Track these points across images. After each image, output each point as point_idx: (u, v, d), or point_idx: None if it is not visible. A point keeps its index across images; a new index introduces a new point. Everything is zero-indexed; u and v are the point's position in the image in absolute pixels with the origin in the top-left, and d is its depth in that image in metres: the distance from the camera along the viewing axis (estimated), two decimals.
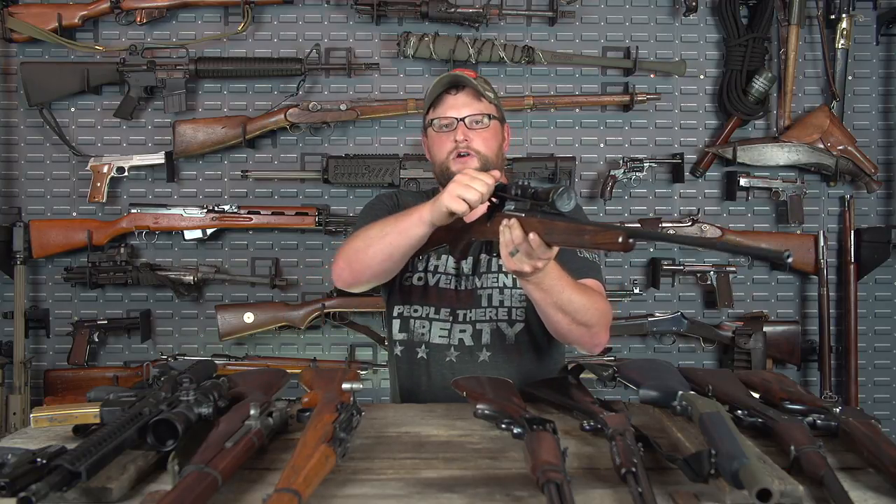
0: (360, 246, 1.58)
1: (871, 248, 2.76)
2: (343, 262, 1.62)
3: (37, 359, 2.82)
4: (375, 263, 1.57)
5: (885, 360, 2.91)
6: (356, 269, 1.60)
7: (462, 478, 1.10)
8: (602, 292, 1.66)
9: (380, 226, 1.56)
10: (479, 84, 1.70)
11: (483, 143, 1.69)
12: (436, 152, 1.74)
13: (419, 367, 1.74)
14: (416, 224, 1.50)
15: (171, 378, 1.26)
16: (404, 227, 1.52)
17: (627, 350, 2.89)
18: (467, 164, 1.67)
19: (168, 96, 2.71)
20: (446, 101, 1.71)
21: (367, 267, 1.58)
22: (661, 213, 2.85)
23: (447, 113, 1.71)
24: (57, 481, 0.92)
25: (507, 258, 1.37)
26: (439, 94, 1.72)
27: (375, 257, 1.56)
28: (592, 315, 1.53)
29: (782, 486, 0.98)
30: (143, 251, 2.82)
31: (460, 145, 1.68)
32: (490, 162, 1.70)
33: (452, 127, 1.70)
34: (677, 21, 2.84)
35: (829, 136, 2.75)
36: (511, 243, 1.34)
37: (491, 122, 1.71)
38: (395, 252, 1.55)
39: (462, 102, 1.70)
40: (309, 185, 2.83)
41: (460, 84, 1.71)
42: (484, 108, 1.71)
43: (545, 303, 1.50)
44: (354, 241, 1.61)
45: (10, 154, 2.82)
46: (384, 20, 2.79)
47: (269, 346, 2.85)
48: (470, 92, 1.71)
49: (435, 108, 1.73)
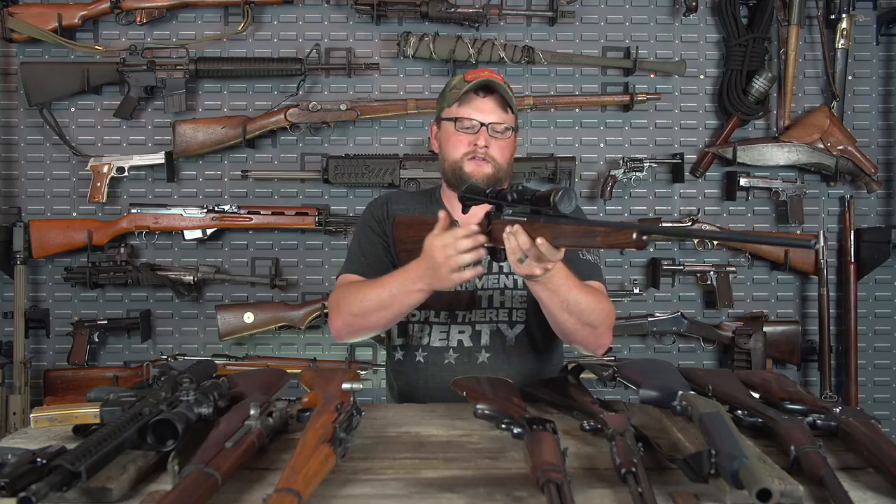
0: (357, 311, 1.61)
1: (871, 248, 2.76)
2: (342, 324, 1.66)
3: (37, 359, 2.82)
4: (380, 326, 1.65)
5: (885, 360, 2.91)
6: (356, 330, 1.67)
7: (462, 478, 1.10)
8: (605, 293, 1.67)
9: (376, 295, 1.58)
10: (506, 93, 1.69)
11: (500, 151, 1.69)
12: (449, 149, 1.72)
13: (417, 370, 1.74)
14: (415, 298, 1.54)
15: (171, 378, 1.26)
16: (405, 301, 1.55)
17: (627, 350, 2.89)
18: (482, 167, 1.68)
19: (168, 96, 2.71)
20: (473, 102, 1.69)
21: (370, 330, 1.67)
22: (661, 213, 2.85)
23: (473, 115, 1.69)
24: (57, 481, 0.92)
25: (515, 264, 1.37)
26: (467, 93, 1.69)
27: (379, 323, 1.62)
28: (598, 315, 1.54)
29: (782, 486, 0.98)
30: (143, 251, 2.82)
31: (479, 150, 1.67)
32: (503, 170, 1.71)
33: (475, 130, 1.68)
34: (677, 21, 2.84)
35: (829, 136, 2.75)
36: (518, 250, 1.34)
37: (512, 133, 1.72)
38: (394, 318, 1.62)
39: (489, 108, 1.69)
40: (309, 185, 2.83)
41: (490, 88, 1.69)
42: (508, 118, 1.71)
43: (552, 303, 1.50)
44: (349, 303, 1.62)
45: (10, 154, 2.82)
46: (384, 20, 2.79)
47: (269, 346, 2.85)
48: (498, 99, 1.69)
49: (461, 105, 1.70)
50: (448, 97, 1.73)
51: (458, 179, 1.69)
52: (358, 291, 1.61)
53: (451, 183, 1.73)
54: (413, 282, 1.51)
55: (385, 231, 1.75)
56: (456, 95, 1.69)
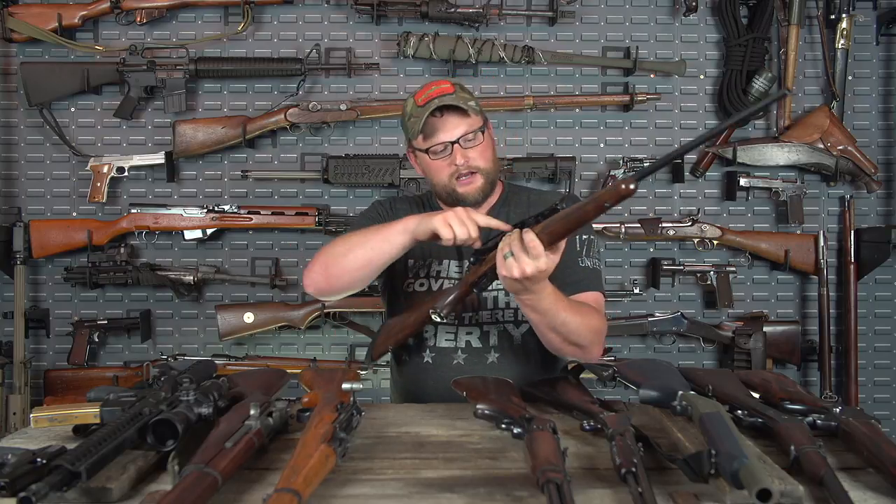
0: (340, 250, 1.59)
1: (871, 248, 2.76)
2: (319, 266, 1.62)
3: (37, 359, 2.82)
4: (354, 269, 1.58)
5: (885, 360, 2.91)
6: (332, 274, 1.61)
7: (462, 478, 1.10)
8: (600, 306, 1.67)
9: (362, 232, 1.59)
10: (459, 99, 1.65)
11: (481, 156, 1.68)
12: (434, 176, 1.71)
13: (425, 371, 1.74)
14: (399, 232, 1.52)
15: (171, 378, 1.26)
16: (387, 234, 1.53)
17: (627, 350, 2.89)
18: (473, 181, 1.68)
19: (168, 96, 2.71)
20: (434, 126, 1.66)
21: (345, 272, 1.59)
22: (661, 213, 2.85)
23: (439, 139, 1.66)
24: (57, 481, 0.92)
25: (500, 264, 1.37)
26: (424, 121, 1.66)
27: (356, 261, 1.57)
28: (585, 336, 1.55)
29: (782, 486, 0.98)
30: (143, 251, 2.82)
31: (461, 169, 1.66)
32: (492, 173, 1.71)
33: (449, 151, 1.67)
34: (677, 21, 2.84)
35: (829, 136, 2.75)
36: (507, 246, 1.36)
37: (484, 133, 1.70)
38: (375, 258, 1.56)
39: (452, 124, 1.66)
40: (309, 185, 2.83)
41: (444, 106, 1.66)
42: (472, 122, 1.67)
43: (541, 324, 1.52)
44: (334, 246, 1.62)
45: (10, 154, 2.82)
46: (384, 20, 2.79)
47: (269, 346, 2.85)
48: (456, 110, 1.66)
49: (426, 136, 1.67)
50: (410, 129, 1.71)
51: (455, 201, 1.69)
52: (345, 236, 1.63)
53: (450, 204, 1.71)
54: (402, 220, 1.53)
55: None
56: (417, 126, 1.66)
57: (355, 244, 1.57)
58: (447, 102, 1.65)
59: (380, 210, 1.82)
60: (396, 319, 1.71)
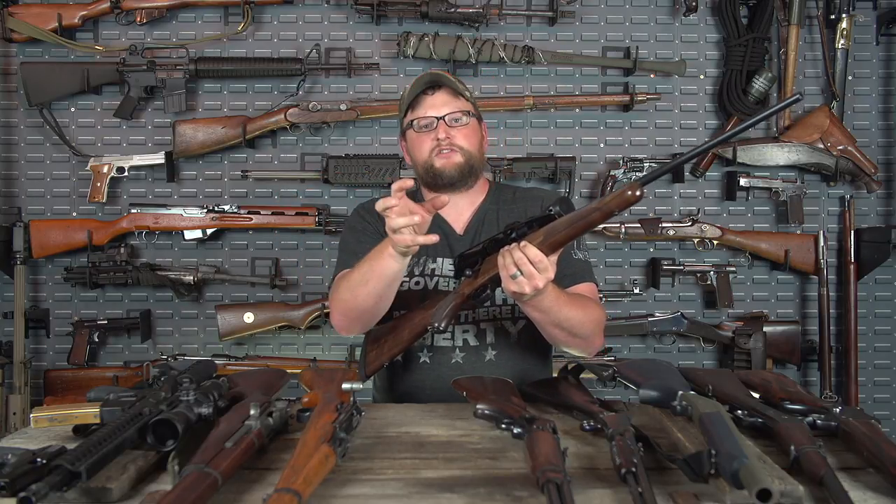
0: (346, 297, 1.61)
1: (871, 248, 2.76)
2: (339, 315, 1.66)
3: (37, 359, 2.82)
4: (369, 307, 1.61)
5: (885, 360, 2.91)
6: (353, 318, 1.65)
7: (462, 478, 1.10)
8: (595, 296, 1.70)
9: (358, 273, 1.58)
10: (453, 83, 1.72)
11: (465, 139, 1.71)
12: (417, 153, 1.74)
13: (422, 371, 1.73)
14: (388, 264, 1.52)
15: (171, 378, 1.26)
16: (380, 271, 1.54)
17: (627, 350, 2.89)
18: (451, 157, 1.69)
19: (168, 96, 2.71)
20: (424, 102, 1.72)
21: (364, 312, 1.62)
22: (661, 213, 2.85)
23: (427, 112, 1.71)
24: (57, 481, 0.92)
25: (507, 281, 1.39)
26: (416, 96, 1.72)
27: (367, 302, 1.59)
28: (588, 328, 1.57)
29: (782, 486, 0.98)
30: (143, 251, 2.83)
31: (443, 143, 1.69)
32: (473, 157, 1.72)
33: (433, 126, 1.70)
34: (677, 21, 2.84)
35: (829, 136, 2.75)
36: (513, 265, 1.36)
37: (470, 119, 1.73)
38: (383, 292, 1.58)
39: (441, 101, 1.71)
40: (309, 185, 2.83)
41: (437, 83, 1.72)
42: (462, 105, 1.72)
43: (544, 321, 1.53)
44: (339, 292, 1.64)
45: (10, 154, 2.82)
46: (384, 20, 2.79)
47: (269, 346, 2.85)
48: (447, 90, 1.72)
49: (413, 110, 1.73)
50: (401, 107, 1.77)
51: (432, 177, 1.71)
52: (345, 277, 1.64)
53: (428, 183, 1.74)
54: (384, 246, 1.52)
55: (379, 230, 1.74)
56: (408, 99, 1.72)
57: (357, 288, 1.58)
58: (440, 80, 1.71)
59: (366, 218, 1.78)
60: (383, 329, 1.69)
